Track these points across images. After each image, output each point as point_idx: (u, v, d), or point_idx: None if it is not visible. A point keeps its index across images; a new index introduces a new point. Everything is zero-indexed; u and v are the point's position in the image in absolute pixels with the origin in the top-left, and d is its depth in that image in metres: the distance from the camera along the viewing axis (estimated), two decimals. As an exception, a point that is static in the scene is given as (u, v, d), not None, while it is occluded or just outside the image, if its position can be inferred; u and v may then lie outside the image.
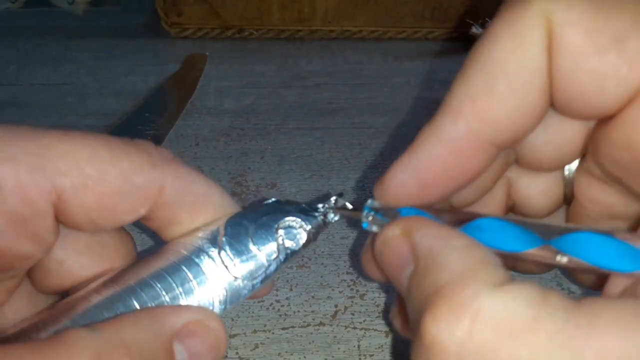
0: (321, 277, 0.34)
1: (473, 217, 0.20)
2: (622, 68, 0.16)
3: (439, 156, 0.19)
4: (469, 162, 0.19)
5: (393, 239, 0.20)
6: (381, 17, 0.65)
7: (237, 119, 0.51)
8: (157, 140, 0.46)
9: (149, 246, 0.35)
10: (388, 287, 0.33)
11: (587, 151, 0.22)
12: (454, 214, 0.20)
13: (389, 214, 0.21)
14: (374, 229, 0.22)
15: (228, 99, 0.54)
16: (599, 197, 0.22)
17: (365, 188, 0.42)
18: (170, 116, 0.50)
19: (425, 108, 0.51)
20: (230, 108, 0.53)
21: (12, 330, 0.19)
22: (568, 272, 0.30)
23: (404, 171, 0.20)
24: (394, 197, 0.21)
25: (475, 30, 0.59)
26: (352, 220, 0.23)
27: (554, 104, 0.19)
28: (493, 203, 0.25)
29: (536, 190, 0.24)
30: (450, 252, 0.18)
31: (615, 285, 0.18)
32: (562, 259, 0.18)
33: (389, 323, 0.29)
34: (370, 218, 0.22)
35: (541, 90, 0.18)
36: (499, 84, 0.18)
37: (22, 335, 0.19)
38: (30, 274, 0.22)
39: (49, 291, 0.22)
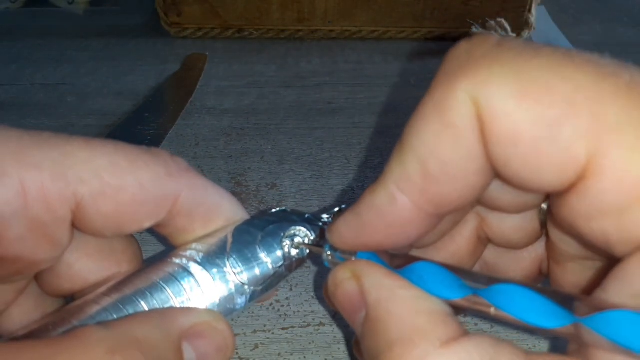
0: (321, 277, 0.34)
1: (416, 260, 0.19)
2: (556, 158, 0.15)
3: (377, 228, 0.19)
4: (408, 233, 0.19)
5: (343, 281, 0.20)
6: (381, 17, 0.65)
7: (237, 119, 0.51)
8: (157, 140, 0.46)
9: (149, 244, 0.35)
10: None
11: None
12: (407, 259, 0.20)
13: (345, 255, 0.21)
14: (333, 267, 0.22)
15: (228, 99, 0.54)
16: (568, 240, 0.22)
17: (365, 189, 0.42)
18: (170, 116, 0.50)
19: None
20: (230, 108, 0.53)
21: (21, 332, 0.20)
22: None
23: (347, 230, 0.20)
24: (340, 246, 0.21)
25: (475, 30, 0.60)
26: (314, 257, 0.23)
27: (499, 177, 0.18)
28: (461, 237, 0.24)
29: (509, 225, 0.23)
30: (397, 304, 0.18)
31: (573, 344, 0.18)
32: (491, 311, 0.17)
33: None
34: (330, 257, 0.22)
35: (478, 173, 0.17)
36: (434, 168, 0.17)
37: (32, 337, 0.19)
38: (38, 276, 0.22)
39: (57, 294, 0.22)
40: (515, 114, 0.16)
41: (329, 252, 0.22)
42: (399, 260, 0.20)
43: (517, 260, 0.25)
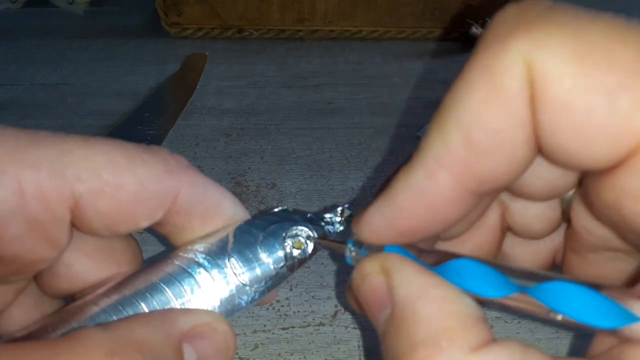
0: (321, 277, 0.34)
1: (453, 257, 0.18)
2: (611, 129, 0.14)
3: (414, 210, 0.18)
4: (447, 214, 0.18)
5: (371, 275, 0.19)
6: (381, 17, 0.65)
7: (237, 119, 0.51)
8: (157, 140, 0.46)
9: (149, 244, 0.35)
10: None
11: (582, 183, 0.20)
12: (438, 255, 0.19)
13: (371, 251, 0.20)
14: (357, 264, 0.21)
15: (228, 99, 0.54)
16: (595, 229, 0.21)
17: (365, 189, 0.42)
18: (170, 116, 0.50)
19: (425, 108, 0.51)
20: (230, 108, 0.53)
21: (20, 332, 0.19)
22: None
23: (379, 218, 0.19)
24: (369, 239, 0.20)
25: (475, 30, 0.60)
26: (336, 254, 0.23)
27: (541, 152, 0.17)
28: (486, 228, 0.24)
29: (532, 214, 0.23)
30: (426, 304, 0.17)
31: (598, 346, 0.17)
32: (543, 311, 0.16)
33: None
34: (353, 253, 0.21)
35: (525, 144, 0.16)
36: (479, 138, 0.16)
37: (31, 338, 0.19)
38: (37, 276, 0.22)
39: (56, 294, 0.22)
40: (572, 78, 0.15)
41: (352, 248, 0.21)
42: (427, 255, 0.19)
43: (533, 250, 0.25)
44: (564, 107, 0.15)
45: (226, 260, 0.21)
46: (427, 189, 0.17)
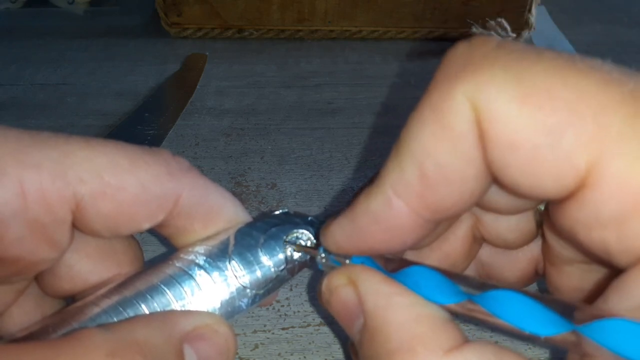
0: (316, 278, 0.34)
1: (412, 264, 0.19)
2: (556, 166, 0.15)
3: (372, 232, 0.19)
4: (404, 238, 0.19)
5: (338, 287, 0.20)
6: (381, 17, 0.65)
7: (237, 119, 0.51)
8: (157, 140, 0.46)
9: (150, 245, 0.35)
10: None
11: None
12: (402, 263, 0.19)
13: (340, 258, 0.21)
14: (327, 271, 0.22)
15: (228, 99, 0.54)
16: (565, 244, 0.21)
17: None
18: (170, 116, 0.50)
19: (425, 108, 0.51)
20: (230, 108, 0.53)
21: (21, 333, 0.19)
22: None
23: (341, 234, 0.20)
24: (334, 251, 0.21)
25: (475, 30, 0.60)
26: (310, 259, 0.23)
27: (497, 183, 0.18)
28: (455, 238, 0.24)
29: (504, 225, 0.23)
30: (395, 312, 0.18)
31: (573, 356, 0.17)
32: (486, 317, 0.17)
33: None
34: (324, 260, 0.22)
35: (476, 177, 0.17)
36: (431, 172, 0.17)
37: (32, 338, 0.19)
38: (38, 277, 0.22)
39: (57, 295, 0.22)
40: (515, 119, 0.15)
41: (323, 255, 0.21)
42: (393, 263, 0.20)
43: (512, 260, 0.25)
44: (511, 146, 0.16)
45: (227, 263, 0.21)
46: (384, 215, 0.18)
